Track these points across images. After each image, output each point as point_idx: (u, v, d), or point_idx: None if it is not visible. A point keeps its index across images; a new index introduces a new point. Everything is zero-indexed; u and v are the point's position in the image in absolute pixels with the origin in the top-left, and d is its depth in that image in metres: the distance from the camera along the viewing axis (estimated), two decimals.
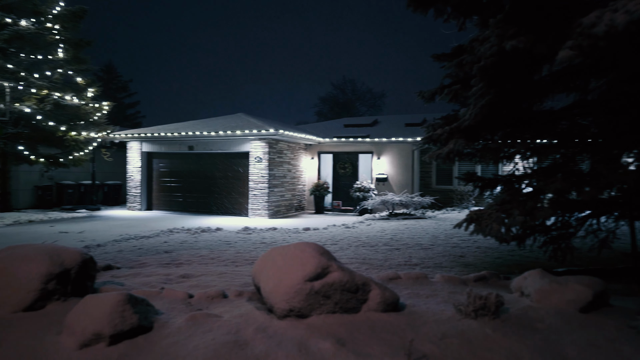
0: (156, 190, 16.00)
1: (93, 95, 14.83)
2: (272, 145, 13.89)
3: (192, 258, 6.23)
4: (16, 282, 3.24)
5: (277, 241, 8.77)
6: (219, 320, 2.94)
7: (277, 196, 14.33)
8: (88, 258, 3.63)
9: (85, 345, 2.63)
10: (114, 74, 40.98)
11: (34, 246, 3.62)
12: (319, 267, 3.00)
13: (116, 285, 3.91)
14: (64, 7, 13.49)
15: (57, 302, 3.31)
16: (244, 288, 3.83)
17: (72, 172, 17.56)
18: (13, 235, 10.22)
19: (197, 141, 14.71)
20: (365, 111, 44.38)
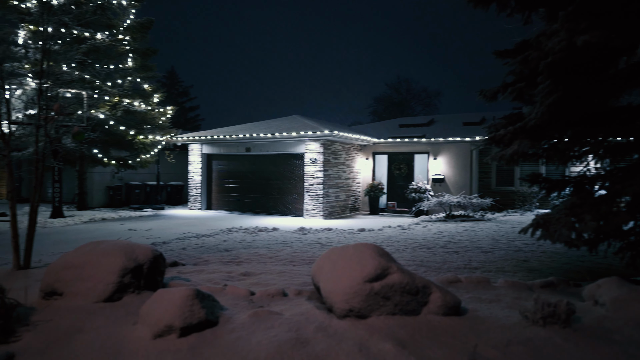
0: (215, 191, 16.66)
1: (158, 101, 15.74)
2: (327, 146, 14.00)
3: (251, 257, 6.43)
4: (98, 274, 3.53)
5: (332, 242, 8.83)
6: (280, 318, 3.02)
7: (332, 197, 14.41)
8: (158, 255, 3.86)
9: (159, 336, 2.81)
10: (175, 80, 43.16)
11: (111, 242, 3.91)
12: (379, 268, 3.00)
13: (183, 281, 4.13)
14: (134, 19, 14.45)
15: (132, 295, 3.56)
16: (303, 287, 3.91)
17: (139, 174, 18.75)
18: (90, 231, 11.07)
19: (254, 143, 15.15)
20: (420, 110, 43.51)
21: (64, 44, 12.29)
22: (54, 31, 12.32)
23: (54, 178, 13.39)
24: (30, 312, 3.29)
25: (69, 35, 12.82)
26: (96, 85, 13.42)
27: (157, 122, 15.60)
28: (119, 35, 14.05)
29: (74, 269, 3.58)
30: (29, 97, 8.97)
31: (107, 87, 13.79)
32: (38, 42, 12.99)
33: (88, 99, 11.99)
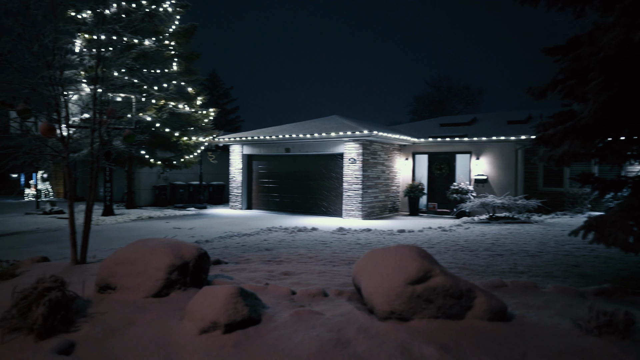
0: (255, 191, 16.97)
1: (201, 103, 16.23)
2: (366, 146, 13.92)
3: (291, 256, 6.51)
4: (147, 271, 3.69)
5: (371, 242, 8.78)
6: (322, 318, 3.04)
7: (371, 197, 14.33)
8: (203, 253, 3.99)
9: (204, 332, 2.90)
10: (217, 82, 44.29)
11: (159, 240, 4.07)
12: (421, 271, 2.96)
13: (226, 279, 4.24)
14: (178, 25, 14.97)
15: (179, 291, 3.69)
16: (344, 288, 3.91)
17: (182, 174, 19.40)
18: (138, 229, 11.57)
19: (293, 143, 15.30)
20: (462, 109, 42.40)
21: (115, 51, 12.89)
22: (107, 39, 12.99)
23: (106, 178, 14.10)
24: (87, 305, 3.49)
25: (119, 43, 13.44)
26: (144, 89, 14.01)
27: (200, 124, 16.08)
28: (165, 40, 14.60)
29: (126, 265, 3.76)
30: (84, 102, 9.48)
31: (154, 91, 14.37)
32: (92, 50, 13.74)
33: (136, 103, 12.54)
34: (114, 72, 13.10)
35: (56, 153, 5.15)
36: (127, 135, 5.28)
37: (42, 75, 4.58)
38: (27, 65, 4.63)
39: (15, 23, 4.43)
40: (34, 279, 4.54)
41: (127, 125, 12.28)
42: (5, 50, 4.27)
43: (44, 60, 4.60)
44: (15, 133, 8.86)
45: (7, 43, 4.30)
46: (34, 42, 4.44)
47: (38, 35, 4.58)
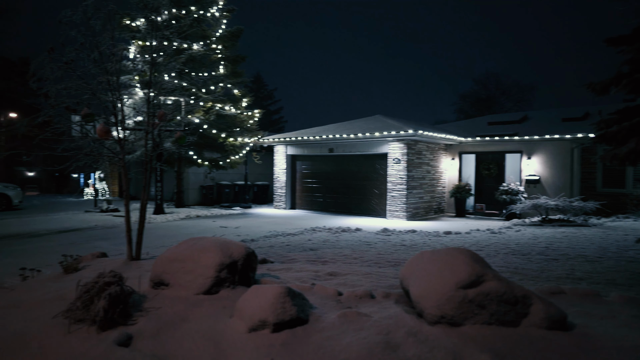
0: (299, 191, 17.12)
1: (246, 105, 16.58)
2: (411, 146, 13.69)
3: (336, 257, 6.50)
4: (198, 269, 3.80)
5: (417, 244, 8.61)
6: (369, 320, 3.01)
7: (416, 198, 14.07)
8: (251, 252, 4.06)
9: (253, 330, 2.95)
10: (261, 84, 45.15)
11: (209, 239, 4.19)
12: (473, 275, 2.86)
13: (273, 278, 4.30)
14: (225, 29, 15.37)
15: (228, 289, 3.78)
16: (390, 290, 3.85)
17: (228, 174, 19.91)
18: (186, 227, 12.00)
19: (336, 144, 15.31)
20: (511, 107, 40.75)
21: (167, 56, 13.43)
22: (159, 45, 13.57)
23: (157, 178, 14.73)
24: (142, 299, 3.64)
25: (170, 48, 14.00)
26: (192, 92, 14.50)
27: (246, 125, 16.44)
28: (212, 44, 15.04)
29: (178, 262, 3.89)
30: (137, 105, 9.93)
31: (201, 94, 14.84)
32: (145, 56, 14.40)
33: (186, 106, 12.99)
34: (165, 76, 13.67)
35: (113, 154, 5.43)
36: (178, 137, 5.48)
37: (100, 80, 4.85)
38: (87, 72, 4.91)
39: (78, 33, 4.72)
40: (94, 274, 4.81)
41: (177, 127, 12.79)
42: (70, 58, 4.55)
43: (103, 66, 4.86)
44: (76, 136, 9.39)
45: (71, 52, 4.60)
46: (94, 50, 4.71)
47: (97, 44, 4.85)
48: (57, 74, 4.51)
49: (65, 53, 4.65)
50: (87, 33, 4.69)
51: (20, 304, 3.84)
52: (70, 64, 4.52)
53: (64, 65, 4.50)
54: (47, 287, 4.37)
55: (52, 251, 8.56)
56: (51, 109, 4.60)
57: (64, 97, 4.66)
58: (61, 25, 4.51)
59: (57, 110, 4.69)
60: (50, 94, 4.53)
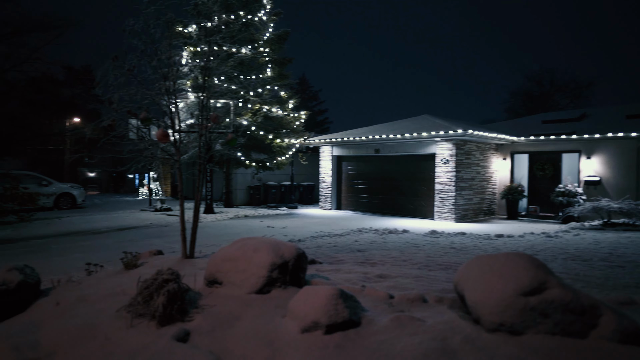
0: (345, 191, 17.11)
1: (293, 106, 16.79)
2: (460, 146, 13.31)
3: (384, 259, 6.43)
4: (250, 268, 3.88)
5: (467, 247, 8.35)
6: (423, 325, 2.95)
7: (465, 199, 13.65)
8: (301, 253, 4.09)
9: (306, 331, 2.97)
10: (306, 85, 45.56)
11: (260, 239, 4.27)
12: (535, 281, 2.72)
13: (322, 279, 4.31)
14: (272, 32, 15.65)
15: (279, 289, 3.83)
16: (443, 294, 3.76)
17: (274, 175, 20.24)
18: (235, 227, 12.31)
19: (383, 144, 15.16)
20: (567, 104, 38.63)
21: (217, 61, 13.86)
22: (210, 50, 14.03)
23: (207, 179, 15.22)
24: (197, 297, 3.77)
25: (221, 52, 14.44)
26: (240, 95, 14.87)
27: (292, 126, 16.65)
28: (260, 48, 15.36)
29: (231, 261, 3.99)
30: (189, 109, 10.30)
31: (249, 96, 15.19)
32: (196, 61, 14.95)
33: (234, 108, 13.35)
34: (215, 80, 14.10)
35: (169, 156, 5.67)
36: (229, 139, 5.64)
37: (159, 86, 5.08)
38: (147, 78, 5.16)
39: (140, 41, 4.97)
40: (152, 270, 5.03)
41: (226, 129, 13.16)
42: (132, 65, 4.81)
43: (161, 72, 5.09)
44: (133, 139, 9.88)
45: (133, 59, 4.85)
46: (153, 57, 4.94)
47: (156, 51, 5.08)
48: (120, 81, 4.78)
49: (127, 60, 4.91)
50: (147, 40, 4.93)
51: (87, 297, 4.08)
52: (133, 70, 4.77)
53: (127, 73, 4.76)
54: (110, 282, 4.62)
55: (112, 247, 9.07)
56: (115, 113, 4.88)
57: (126, 102, 4.92)
58: (124, 33, 4.77)
59: (120, 114, 4.97)
60: (113, 99, 4.80)
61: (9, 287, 4.06)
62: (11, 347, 3.12)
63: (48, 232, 11.25)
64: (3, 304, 3.99)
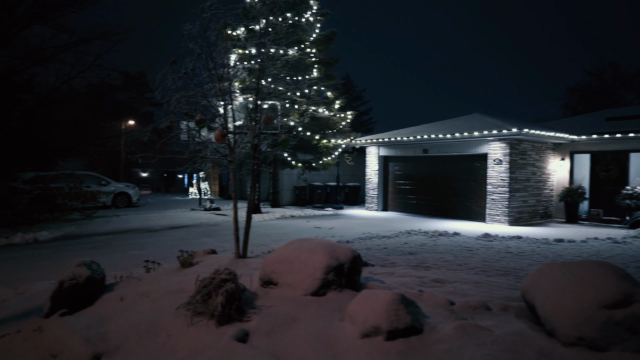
0: (391, 192, 16.85)
1: (339, 107, 16.74)
2: (514, 145, 12.72)
3: (438, 262, 6.23)
4: (306, 270, 3.85)
5: (524, 252, 7.94)
6: (491, 335, 2.79)
7: (519, 201, 13.04)
8: (357, 255, 4.02)
9: (366, 336, 2.89)
10: (350, 85, 45.38)
11: (314, 240, 4.24)
12: (620, 293, 2.50)
13: (377, 282, 4.22)
14: (318, 32, 15.67)
15: (335, 292, 3.77)
16: (508, 302, 3.56)
17: (320, 175, 20.28)
18: (282, 227, 12.42)
19: (431, 144, 14.79)
20: (632, 99, 36.03)
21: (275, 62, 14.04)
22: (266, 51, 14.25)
23: (254, 179, 15.48)
24: (254, 297, 3.79)
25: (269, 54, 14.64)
26: (287, 96, 15.00)
27: (338, 127, 16.60)
28: (307, 49, 15.42)
29: (286, 263, 3.98)
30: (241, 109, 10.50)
31: (296, 97, 15.29)
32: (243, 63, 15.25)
33: (282, 109, 13.47)
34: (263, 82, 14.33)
35: (223, 157, 5.78)
36: (282, 140, 5.66)
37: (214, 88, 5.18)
38: (202, 81, 5.28)
39: (196, 45, 5.10)
40: (207, 269, 5.13)
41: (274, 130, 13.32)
42: (190, 68, 4.94)
43: (216, 75, 5.19)
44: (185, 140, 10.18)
45: (190, 62, 4.98)
46: (209, 60, 5.05)
47: (211, 54, 5.19)
48: (178, 84, 4.92)
49: (184, 64, 5.05)
50: (203, 44, 5.05)
51: (149, 293, 4.22)
52: (189, 74, 4.90)
53: (183, 76, 4.90)
54: (168, 279, 4.76)
55: (166, 245, 9.40)
56: (172, 116, 5.03)
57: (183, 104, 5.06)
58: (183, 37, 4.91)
59: (177, 116, 5.12)
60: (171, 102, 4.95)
61: (78, 281, 4.27)
62: (83, 338, 3.27)
63: (107, 229, 11.86)
64: (73, 298, 4.20)
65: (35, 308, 4.71)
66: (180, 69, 5.10)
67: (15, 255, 8.40)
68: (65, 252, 8.76)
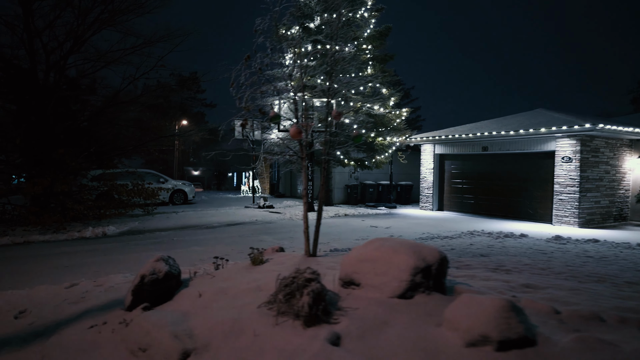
0: (447, 192, 16.28)
1: (394, 104, 16.37)
2: (585, 142, 11.87)
3: (517, 265, 5.83)
4: (391, 271, 3.66)
5: (607, 257, 7.32)
6: (620, 352, 2.47)
7: (590, 202, 12.15)
8: (444, 256, 3.77)
9: (472, 345, 2.65)
10: (398, 83, 44.58)
11: (396, 240, 4.03)
12: None
13: (466, 286, 3.95)
14: (373, 28, 15.39)
15: (423, 295, 3.55)
16: (623, 314, 3.19)
17: (371, 174, 19.98)
18: (339, 225, 12.27)
19: (492, 141, 14.12)
20: None
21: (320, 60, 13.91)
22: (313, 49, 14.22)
23: (308, 177, 15.44)
24: (336, 298, 3.64)
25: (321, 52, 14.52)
26: (342, 94, 14.85)
27: (393, 124, 16.24)
28: (362, 45, 15.19)
29: (368, 262, 3.81)
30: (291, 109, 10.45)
31: (350, 94, 15.10)
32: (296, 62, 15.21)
33: (337, 107, 13.33)
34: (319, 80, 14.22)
35: (295, 154, 5.70)
36: (355, 135, 5.50)
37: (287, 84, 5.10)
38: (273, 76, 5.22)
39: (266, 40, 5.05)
40: (277, 267, 5.06)
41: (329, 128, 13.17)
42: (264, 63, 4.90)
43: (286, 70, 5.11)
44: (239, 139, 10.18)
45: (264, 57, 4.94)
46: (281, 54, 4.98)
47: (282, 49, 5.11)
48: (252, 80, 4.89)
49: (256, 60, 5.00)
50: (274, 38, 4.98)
51: (226, 290, 4.19)
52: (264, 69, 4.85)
53: (257, 72, 4.85)
54: (242, 276, 4.72)
55: (226, 242, 9.52)
56: (246, 112, 5.00)
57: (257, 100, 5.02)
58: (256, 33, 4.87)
59: (250, 113, 5.08)
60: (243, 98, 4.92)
61: (158, 276, 4.31)
62: (171, 334, 3.25)
63: (168, 225, 12.22)
64: (154, 292, 4.25)
65: (115, 300, 4.83)
66: (252, 63, 5.06)
67: (88, 248, 8.79)
68: (133, 246, 9.08)
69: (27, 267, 7.21)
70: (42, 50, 10.90)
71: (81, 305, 4.85)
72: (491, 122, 15.85)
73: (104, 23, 10.77)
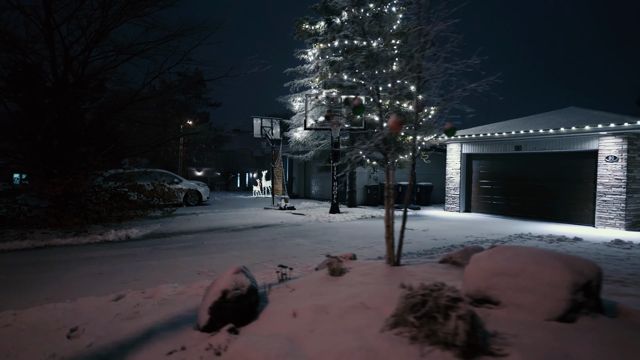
0: (475, 192, 15.71)
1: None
2: (632, 141, 11.31)
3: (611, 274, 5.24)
4: (539, 287, 3.05)
5: None
6: None
7: (637, 204, 11.60)
8: (600, 269, 3.17)
9: None
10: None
11: (532, 249, 3.43)
12: None
13: (627, 307, 3.34)
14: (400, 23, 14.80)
15: (587, 317, 2.94)
16: None
17: None
18: (369, 228, 11.63)
19: (525, 140, 13.56)
20: None
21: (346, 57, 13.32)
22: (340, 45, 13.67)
23: (333, 178, 14.82)
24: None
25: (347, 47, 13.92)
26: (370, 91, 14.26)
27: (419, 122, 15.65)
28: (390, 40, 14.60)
29: (507, 276, 3.20)
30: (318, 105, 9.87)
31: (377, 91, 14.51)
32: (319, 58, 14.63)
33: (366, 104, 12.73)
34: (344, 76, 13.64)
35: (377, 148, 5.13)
36: (447, 128, 4.91)
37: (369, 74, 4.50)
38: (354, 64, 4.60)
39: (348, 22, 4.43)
40: (361, 277, 4.44)
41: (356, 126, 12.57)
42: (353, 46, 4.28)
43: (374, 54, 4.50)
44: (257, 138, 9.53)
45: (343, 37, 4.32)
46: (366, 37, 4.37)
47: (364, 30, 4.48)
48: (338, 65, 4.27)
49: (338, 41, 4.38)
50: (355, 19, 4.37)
51: (325, 308, 3.55)
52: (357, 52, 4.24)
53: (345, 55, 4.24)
54: (331, 290, 4.09)
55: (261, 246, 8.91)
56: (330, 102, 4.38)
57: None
58: None
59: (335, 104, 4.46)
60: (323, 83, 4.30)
61: (242, 291, 3.68)
62: None
63: (191, 227, 11.56)
64: (238, 310, 3.62)
65: (177, 316, 4.20)
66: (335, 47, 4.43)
67: (115, 253, 8.13)
68: (163, 250, 8.43)
69: (57, 274, 6.55)
70: (61, 43, 10.24)
71: (138, 322, 4.19)
72: (523, 120, 15.28)
73: (126, 15, 10.11)
